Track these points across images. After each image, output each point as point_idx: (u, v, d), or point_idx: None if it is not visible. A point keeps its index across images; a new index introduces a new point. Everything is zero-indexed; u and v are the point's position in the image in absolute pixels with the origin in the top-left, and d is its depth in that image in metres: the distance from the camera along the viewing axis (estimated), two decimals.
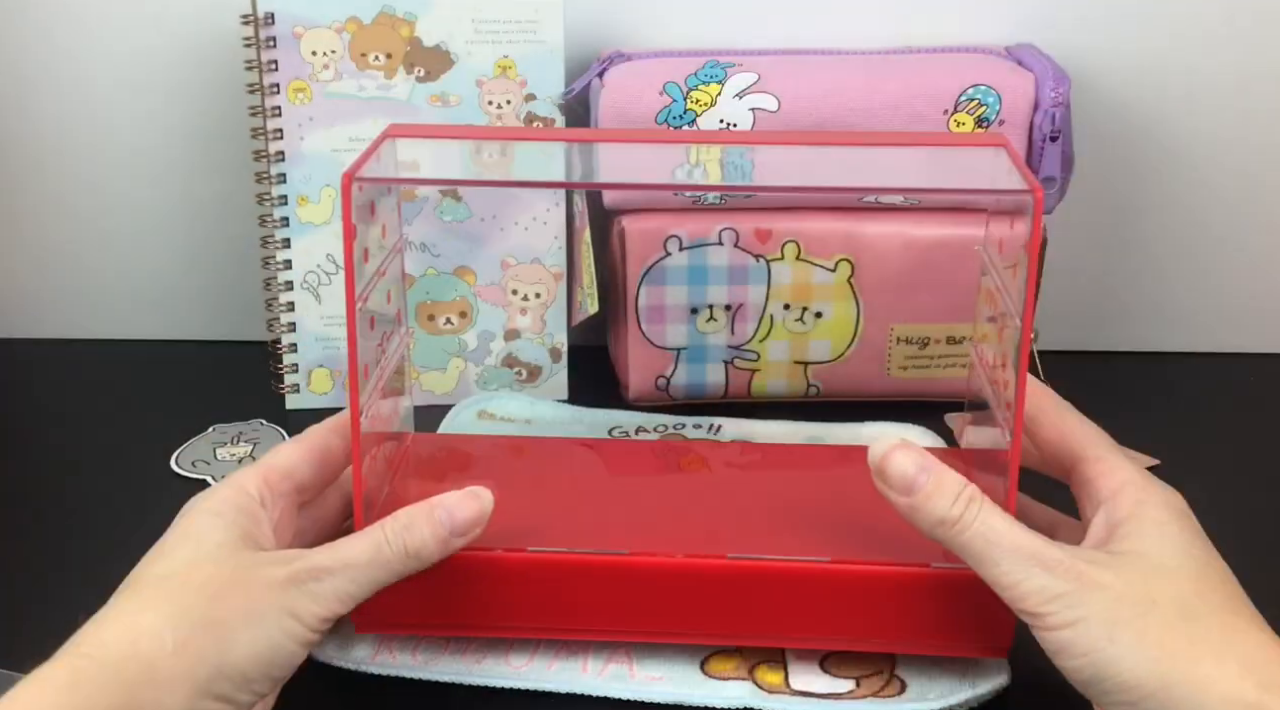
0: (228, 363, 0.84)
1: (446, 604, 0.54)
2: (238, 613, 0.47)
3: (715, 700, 0.52)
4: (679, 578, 0.53)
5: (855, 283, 0.75)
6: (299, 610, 0.48)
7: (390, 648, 0.55)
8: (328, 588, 0.49)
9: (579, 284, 0.75)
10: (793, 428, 0.74)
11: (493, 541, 0.53)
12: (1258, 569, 0.52)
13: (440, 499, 0.52)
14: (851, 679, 0.54)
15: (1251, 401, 0.82)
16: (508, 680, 0.53)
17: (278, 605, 0.48)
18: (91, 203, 0.84)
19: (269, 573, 0.48)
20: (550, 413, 0.76)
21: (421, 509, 0.52)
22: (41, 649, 0.47)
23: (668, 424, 0.75)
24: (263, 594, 0.48)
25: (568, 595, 0.54)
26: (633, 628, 0.54)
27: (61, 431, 0.75)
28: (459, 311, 0.77)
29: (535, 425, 0.75)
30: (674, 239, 0.74)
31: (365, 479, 0.53)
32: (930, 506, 0.48)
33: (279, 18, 0.72)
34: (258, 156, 0.74)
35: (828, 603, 0.53)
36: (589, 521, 0.57)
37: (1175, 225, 0.85)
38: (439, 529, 0.51)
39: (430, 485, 0.56)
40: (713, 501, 0.60)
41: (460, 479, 0.57)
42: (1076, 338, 0.86)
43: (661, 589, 0.53)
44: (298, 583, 0.49)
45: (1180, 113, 0.82)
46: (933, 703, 0.52)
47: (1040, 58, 0.74)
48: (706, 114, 0.72)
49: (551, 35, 0.74)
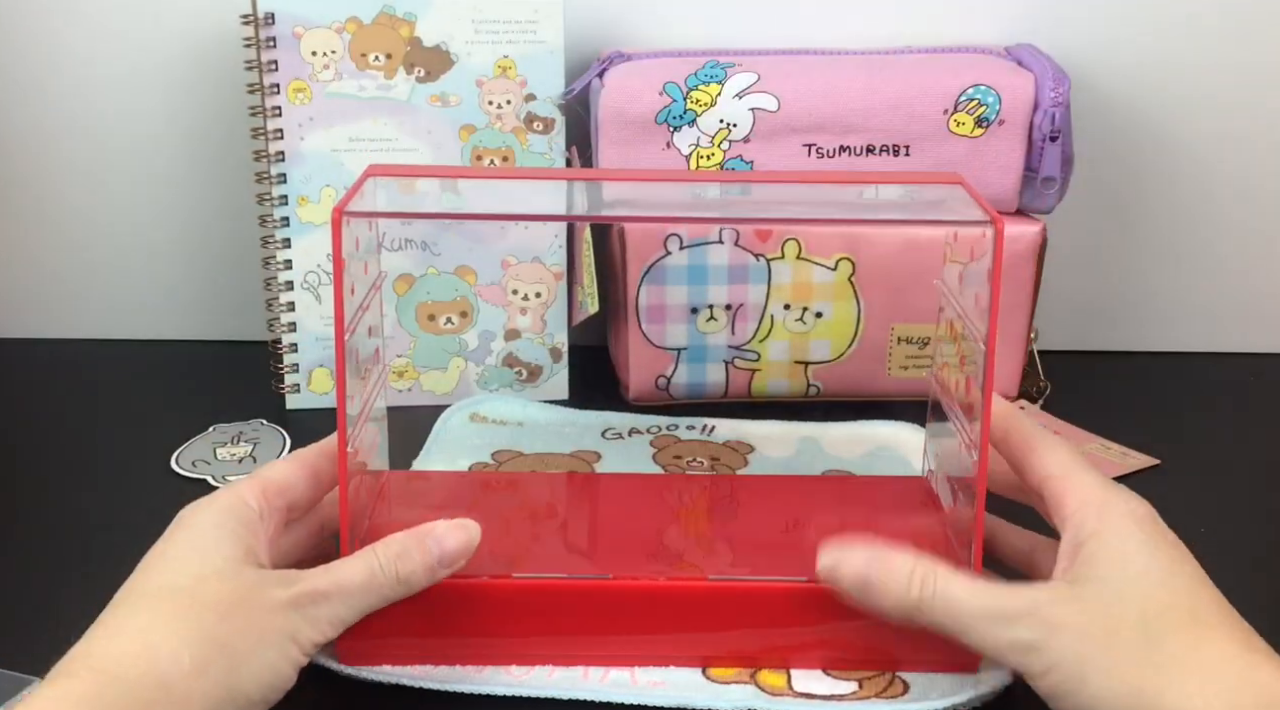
0: (228, 363, 0.84)
1: (433, 634, 0.54)
2: (246, 635, 0.47)
3: (719, 703, 0.52)
4: (661, 600, 0.54)
5: (856, 282, 0.75)
6: (299, 635, 0.48)
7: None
8: (324, 612, 0.49)
9: (579, 284, 0.75)
10: (788, 427, 0.74)
11: (477, 569, 0.54)
12: (1257, 569, 0.52)
13: (430, 527, 0.52)
14: (854, 680, 0.54)
15: (1251, 401, 0.82)
16: (509, 688, 0.53)
17: (281, 629, 0.48)
18: (91, 203, 0.84)
19: (273, 595, 0.48)
20: (542, 414, 0.76)
21: (414, 537, 0.52)
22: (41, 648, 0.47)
23: (661, 425, 0.75)
24: (268, 617, 0.48)
25: (554, 621, 0.54)
26: (618, 652, 0.54)
27: (61, 431, 0.75)
28: (459, 311, 0.77)
29: (527, 427, 0.75)
30: (674, 238, 0.74)
31: (349, 508, 0.53)
32: (887, 599, 0.49)
33: (279, 18, 0.72)
34: (258, 156, 0.74)
35: (804, 622, 0.54)
36: (572, 548, 0.58)
37: (1175, 225, 0.85)
38: (428, 557, 0.51)
39: (411, 518, 0.56)
40: (694, 527, 0.60)
41: (440, 512, 0.58)
42: (1076, 338, 0.86)
43: (644, 612, 0.54)
44: (298, 607, 0.48)
45: (1180, 112, 0.82)
46: (935, 702, 0.52)
47: (1040, 58, 0.74)
48: (706, 114, 0.72)
49: (551, 35, 0.74)
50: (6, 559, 0.62)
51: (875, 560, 0.50)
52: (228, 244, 0.84)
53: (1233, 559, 0.50)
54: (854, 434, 0.74)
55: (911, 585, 0.49)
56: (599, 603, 0.54)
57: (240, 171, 0.77)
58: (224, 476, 0.69)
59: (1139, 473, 0.71)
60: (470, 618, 0.54)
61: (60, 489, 0.69)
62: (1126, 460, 0.72)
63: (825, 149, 0.73)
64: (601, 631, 0.54)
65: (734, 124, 0.73)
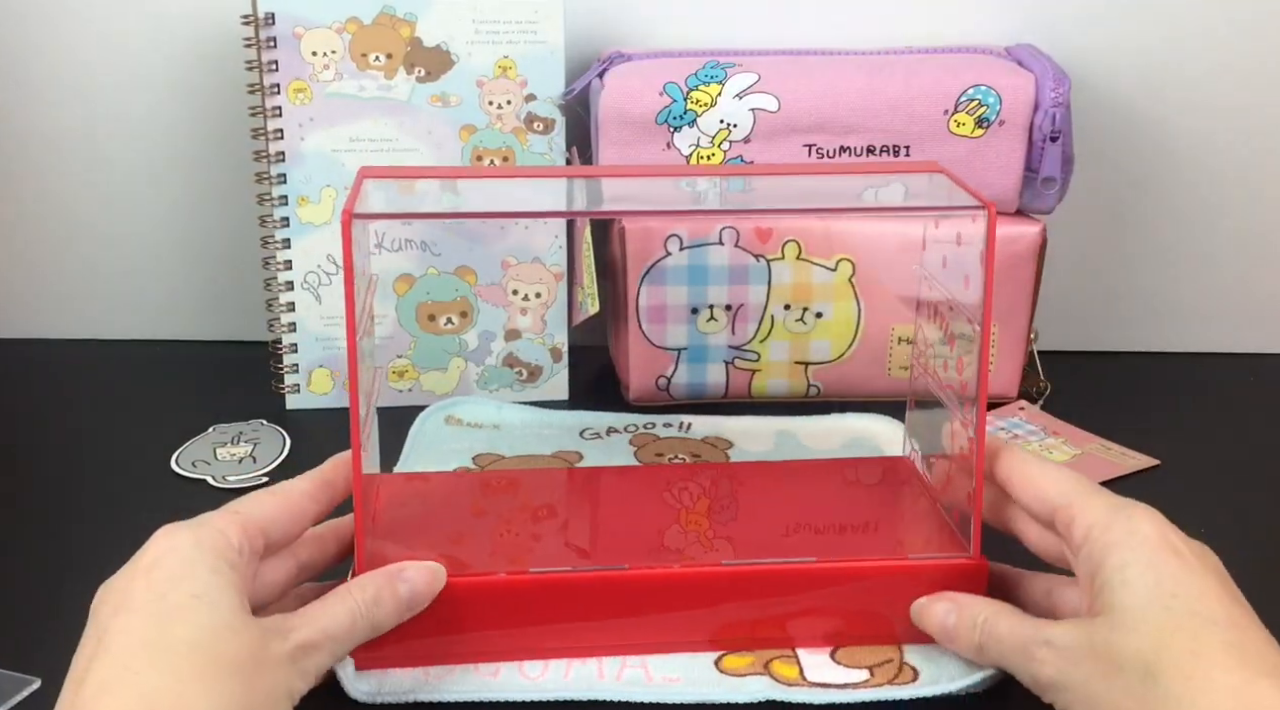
0: (228, 363, 0.84)
1: (447, 633, 0.54)
2: (259, 694, 0.45)
3: (737, 697, 0.52)
4: (678, 587, 0.54)
5: (856, 283, 0.75)
6: (294, 688, 0.47)
7: None
8: (314, 663, 0.48)
9: (579, 284, 0.75)
10: (763, 422, 0.75)
11: (487, 567, 0.54)
12: (1257, 569, 0.52)
13: (401, 568, 0.52)
14: (864, 668, 0.54)
15: (1251, 401, 0.82)
16: (526, 693, 0.53)
17: (284, 685, 0.47)
18: (92, 203, 0.84)
19: (275, 650, 0.47)
20: (517, 416, 0.76)
21: (387, 583, 0.51)
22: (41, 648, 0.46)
23: (638, 423, 0.75)
24: (273, 674, 0.46)
25: (567, 614, 0.54)
26: (637, 640, 0.55)
27: (62, 431, 0.75)
28: (459, 311, 0.77)
29: (503, 429, 0.75)
30: (674, 238, 0.74)
31: (348, 523, 0.54)
32: (959, 643, 0.53)
33: (279, 18, 0.72)
34: (258, 156, 0.74)
35: (815, 600, 0.55)
36: (578, 541, 0.59)
37: (1175, 225, 0.85)
38: (399, 602, 0.51)
39: (407, 525, 0.57)
40: (697, 514, 0.61)
41: (443, 514, 0.58)
42: (1076, 338, 0.86)
43: (662, 600, 0.55)
44: (295, 660, 0.47)
45: (1180, 113, 0.82)
46: (946, 685, 0.53)
47: (1040, 58, 0.74)
48: (706, 114, 0.72)
49: (551, 35, 0.74)
50: (6, 559, 0.62)
51: (952, 611, 0.53)
52: (228, 244, 0.84)
53: (1233, 559, 0.49)
54: (829, 427, 0.75)
55: (975, 631, 0.52)
56: (613, 594, 0.54)
57: (240, 172, 0.77)
58: (224, 476, 0.69)
59: (1139, 473, 0.71)
60: (484, 616, 0.54)
61: (60, 489, 0.69)
62: (1126, 460, 0.72)
63: (825, 149, 0.73)
64: (616, 620, 0.54)
65: (734, 124, 0.73)
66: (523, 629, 0.54)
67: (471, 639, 0.54)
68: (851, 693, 0.53)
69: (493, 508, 0.61)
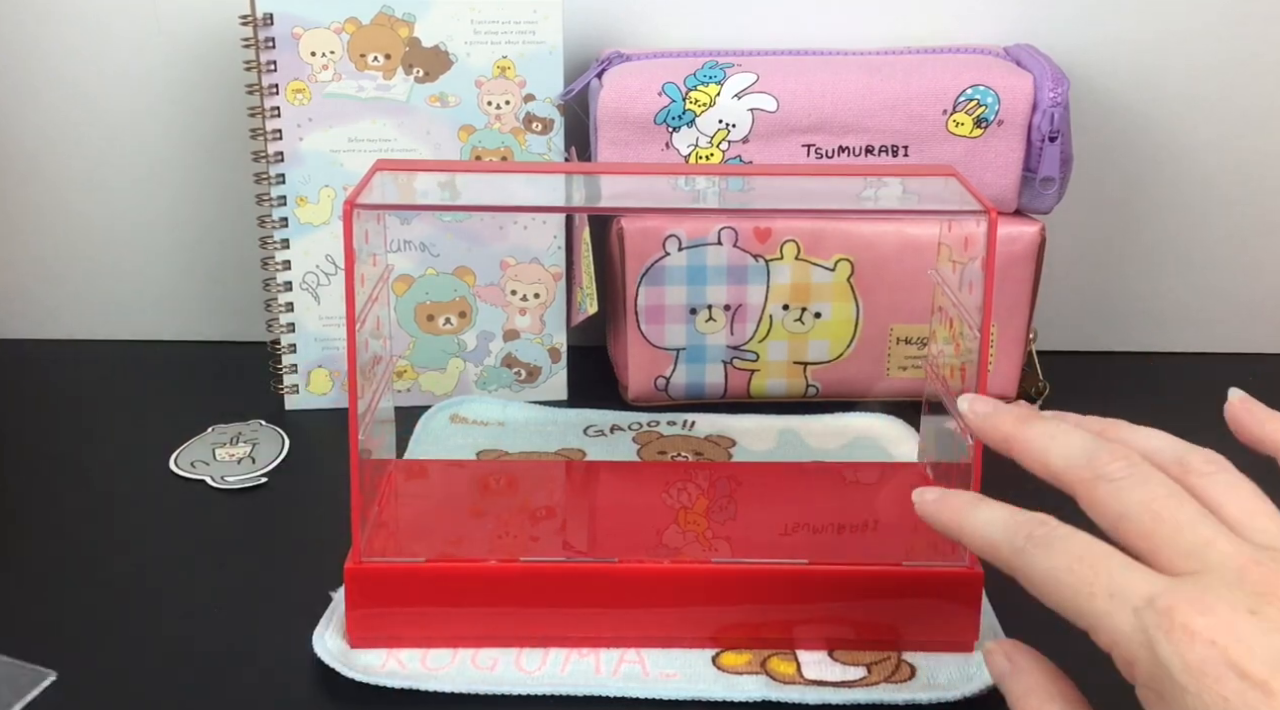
0: (227, 363, 0.84)
1: (440, 616, 0.54)
2: None
3: (734, 694, 0.52)
4: (668, 583, 0.55)
5: (855, 283, 0.75)
6: None
7: (399, 655, 0.55)
8: None
9: (578, 284, 0.75)
10: (766, 420, 0.75)
11: (485, 554, 0.55)
12: None
13: None
14: (862, 666, 0.54)
15: None
16: (524, 686, 0.53)
17: None
18: (91, 203, 0.84)
19: None
20: (522, 414, 0.76)
21: None
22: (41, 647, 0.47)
23: (641, 421, 0.75)
24: None
25: (560, 603, 0.55)
26: (629, 634, 0.55)
27: (61, 431, 0.75)
28: (458, 311, 0.77)
29: (509, 427, 0.75)
30: (673, 238, 0.74)
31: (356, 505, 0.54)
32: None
33: (278, 18, 0.72)
34: (257, 157, 0.74)
35: (810, 602, 0.55)
36: (577, 533, 0.59)
37: (1174, 225, 0.85)
38: None
39: (415, 509, 0.57)
40: (699, 512, 0.61)
41: (444, 501, 0.59)
42: (1076, 338, 0.86)
43: (653, 595, 0.55)
44: None
45: (1180, 112, 0.82)
46: (944, 686, 0.53)
47: (1039, 58, 0.74)
48: (705, 114, 0.72)
49: (551, 35, 0.74)
50: (6, 559, 0.62)
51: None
52: (227, 244, 0.84)
53: None
54: (832, 426, 0.75)
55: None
56: (603, 586, 0.55)
57: (239, 172, 0.77)
58: (223, 477, 0.69)
59: None
60: (476, 601, 0.54)
61: (59, 489, 0.69)
62: None
63: (824, 149, 0.73)
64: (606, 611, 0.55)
65: (733, 124, 0.73)
66: (514, 614, 0.54)
67: (464, 622, 0.54)
68: (847, 691, 0.53)
69: (492, 500, 0.61)
